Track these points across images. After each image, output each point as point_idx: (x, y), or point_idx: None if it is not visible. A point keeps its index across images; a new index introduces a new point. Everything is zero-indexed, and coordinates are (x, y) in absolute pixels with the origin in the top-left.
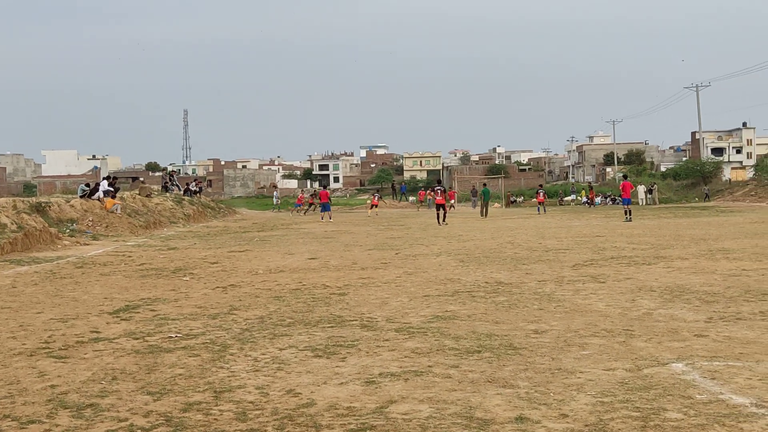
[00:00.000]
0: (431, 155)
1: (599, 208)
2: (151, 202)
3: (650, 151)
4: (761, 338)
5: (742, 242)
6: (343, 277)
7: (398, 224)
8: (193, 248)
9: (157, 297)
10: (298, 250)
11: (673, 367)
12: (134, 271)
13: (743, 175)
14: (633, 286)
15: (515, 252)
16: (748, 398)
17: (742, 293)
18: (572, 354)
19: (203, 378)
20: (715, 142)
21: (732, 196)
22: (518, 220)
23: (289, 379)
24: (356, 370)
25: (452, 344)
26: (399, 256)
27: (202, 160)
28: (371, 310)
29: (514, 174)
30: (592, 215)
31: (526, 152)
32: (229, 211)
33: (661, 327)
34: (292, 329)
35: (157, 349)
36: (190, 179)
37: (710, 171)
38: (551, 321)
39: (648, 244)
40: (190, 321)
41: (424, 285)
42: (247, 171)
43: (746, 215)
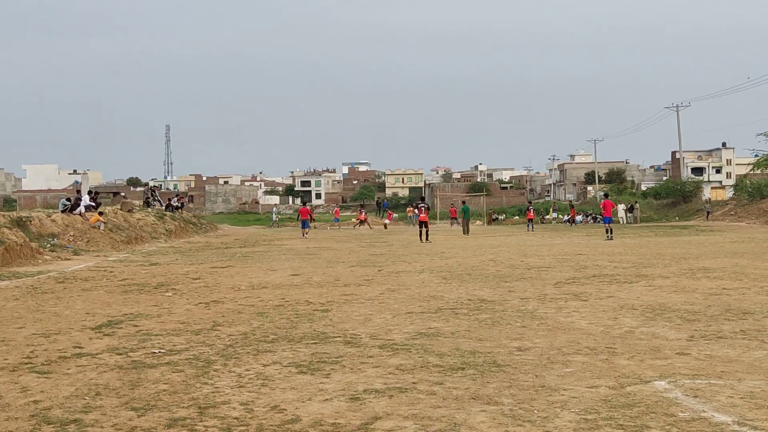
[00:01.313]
0: (413, 172)
1: (580, 226)
2: (132, 218)
3: (631, 170)
4: (742, 357)
5: (723, 261)
6: (326, 294)
7: (381, 241)
8: (175, 264)
9: (139, 312)
10: (281, 267)
11: (656, 385)
12: (116, 286)
13: (723, 195)
14: (615, 304)
15: (498, 269)
16: (730, 416)
17: (722, 312)
18: (556, 371)
19: (187, 394)
20: (695, 161)
21: (712, 215)
22: (500, 238)
23: (274, 395)
24: (340, 386)
25: (436, 361)
26: (382, 272)
27: (183, 176)
28: (355, 326)
29: (496, 192)
30: (573, 233)
31: (507, 170)
32: (211, 226)
33: (643, 345)
34: (276, 345)
35: (140, 365)
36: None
37: (690, 190)
38: (534, 338)
39: (629, 263)
40: (173, 337)
41: (408, 302)
42: (228, 187)
43: (726, 235)
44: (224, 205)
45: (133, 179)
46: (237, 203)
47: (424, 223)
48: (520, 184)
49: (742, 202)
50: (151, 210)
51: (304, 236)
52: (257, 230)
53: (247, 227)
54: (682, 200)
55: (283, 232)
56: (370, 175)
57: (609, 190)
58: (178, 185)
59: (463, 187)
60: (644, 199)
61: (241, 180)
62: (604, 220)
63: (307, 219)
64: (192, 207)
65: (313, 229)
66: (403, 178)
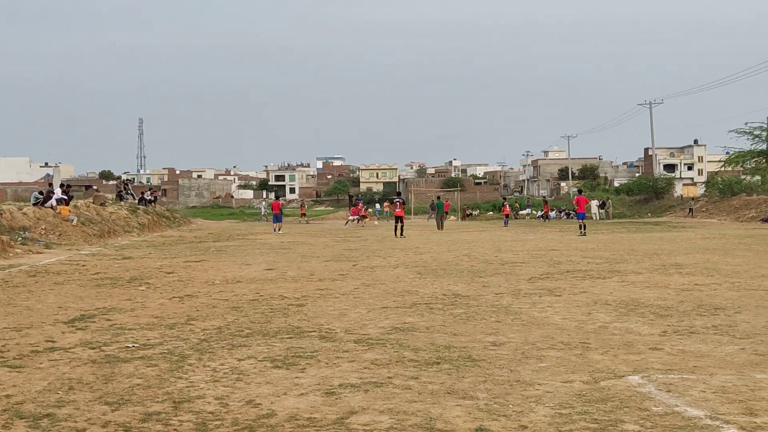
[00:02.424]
0: (388, 167)
1: (554, 222)
2: (105, 211)
3: (604, 167)
4: (714, 352)
5: (694, 257)
6: (300, 288)
7: (355, 236)
8: (148, 258)
9: (112, 306)
10: (255, 261)
11: (630, 380)
12: (89, 280)
13: (694, 192)
14: (588, 299)
15: (472, 265)
16: (703, 411)
17: (695, 307)
18: (530, 366)
19: (162, 388)
20: (668, 158)
21: (683, 211)
22: (474, 233)
23: (249, 389)
24: (316, 381)
25: (411, 356)
26: (356, 267)
27: (157, 169)
28: (330, 321)
29: (470, 187)
30: (547, 229)
31: (481, 166)
32: (185, 220)
33: (616, 340)
34: (251, 340)
35: (114, 359)
36: (145, 188)
37: (662, 187)
38: (509, 333)
39: (602, 259)
40: (147, 331)
41: (382, 297)
42: (202, 181)
43: (698, 231)
44: (198, 199)
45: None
46: (210, 197)
47: (399, 218)
48: (494, 179)
49: (713, 198)
50: (124, 203)
51: (277, 231)
52: (231, 224)
53: (220, 221)
54: (654, 196)
55: (262, 226)
56: (345, 170)
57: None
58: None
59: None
60: (617, 195)
61: (214, 174)
62: (577, 216)
63: (279, 213)
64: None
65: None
66: (378, 173)
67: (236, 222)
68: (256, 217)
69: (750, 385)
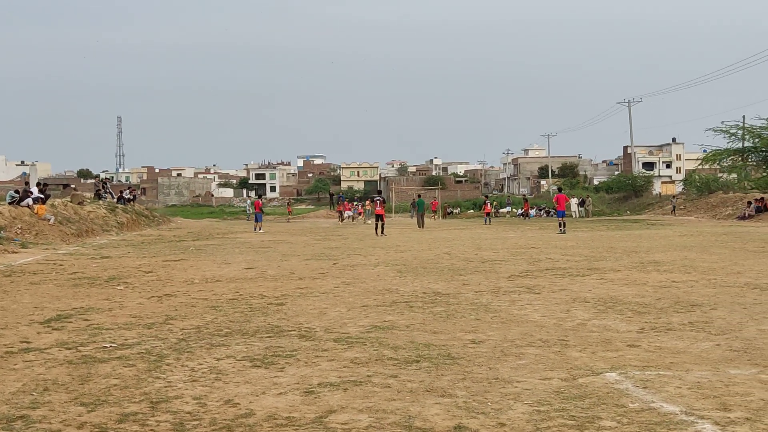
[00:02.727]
0: (369, 166)
1: (534, 220)
2: (83, 210)
3: (583, 165)
4: (690, 348)
5: (672, 254)
6: (280, 287)
7: (336, 234)
8: (127, 257)
9: (90, 306)
10: (235, 260)
11: (607, 377)
12: (66, 279)
13: (673, 189)
14: (567, 297)
15: (452, 263)
16: (678, 406)
17: (672, 304)
18: (509, 364)
19: (139, 388)
20: (646, 156)
21: (662, 209)
22: (455, 231)
23: (227, 389)
24: (295, 380)
25: (391, 354)
26: (337, 266)
27: (136, 168)
28: (309, 320)
29: (451, 185)
30: (527, 227)
31: (462, 164)
32: (164, 219)
33: (595, 337)
34: (230, 339)
35: (90, 360)
36: (124, 187)
37: (641, 185)
38: (488, 331)
39: (582, 256)
40: (124, 331)
41: (363, 295)
42: (182, 179)
43: (675, 228)
44: (177, 198)
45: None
46: (190, 196)
47: (380, 217)
48: (474, 178)
49: (691, 196)
50: (103, 202)
51: (258, 230)
52: (211, 223)
53: (200, 220)
54: (633, 194)
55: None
56: (326, 169)
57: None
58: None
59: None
60: (596, 193)
61: (194, 172)
62: (557, 214)
63: (260, 212)
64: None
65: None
66: (359, 171)
67: (216, 221)
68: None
69: (724, 381)
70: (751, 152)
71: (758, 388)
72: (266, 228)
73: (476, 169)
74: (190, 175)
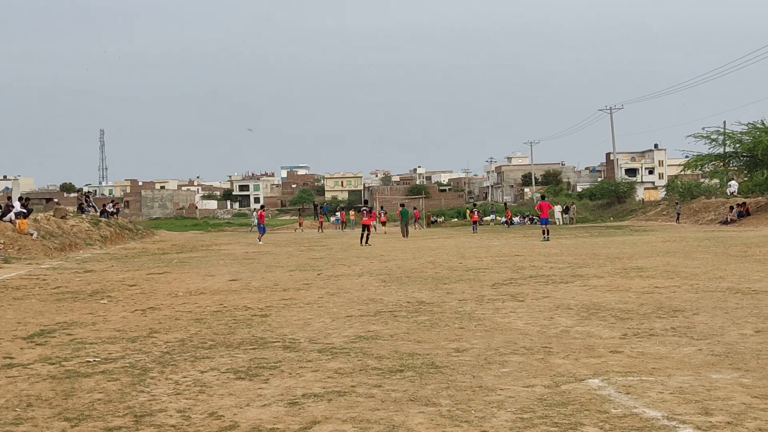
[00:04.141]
0: (352, 175)
1: (517, 227)
2: (66, 224)
3: (567, 172)
4: (672, 353)
5: (655, 260)
6: (264, 299)
7: (320, 245)
8: (110, 270)
9: (73, 321)
10: (219, 272)
11: (590, 383)
12: (49, 294)
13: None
14: (551, 304)
15: (436, 272)
16: (660, 411)
17: (654, 310)
18: (493, 372)
19: (123, 402)
20: (629, 163)
21: (645, 215)
22: (439, 240)
23: (212, 401)
24: (279, 391)
25: (375, 364)
26: (321, 276)
27: (119, 181)
28: (294, 331)
29: (435, 194)
30: (510, 235)
31: (446, 173)
32: (148, 232)
33: (578, 344)
34: (214, 351)
35: (74, 374)
36: (107, 200)
37: (624, 191)
38: (472, 339)
39: (565, 263)
40: (108, 345)
41: (347, 305)
42: (165, 192)
43: (658, 234)
44: (161, 211)
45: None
46: (174, 208)
47: (366, 227)
48: (458, 186)
49: (673, 202)
50: (86, 216)
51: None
52: (195, 235)
53: (184, 232)
54: (616, 201)
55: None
56: (309, 179)
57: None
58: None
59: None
60: (580, 200)
61: (178, 185)
62: (540, 221)
63: (264, 224)
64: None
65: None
66: (343, 181)
67: (200, 233)
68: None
69: (706, 386)
70: (732, 157)
71: (739, 392)
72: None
73: (460, 178)
74: (174, 187)
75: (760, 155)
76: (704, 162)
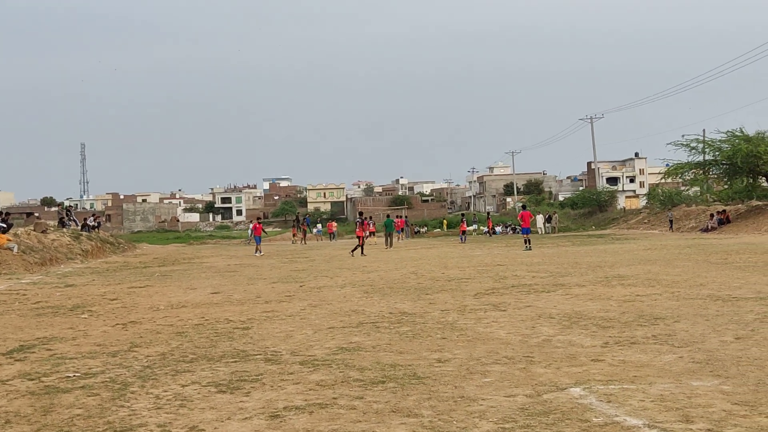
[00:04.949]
0: (335, 187)
1: (500, 237)
2: (47, 238)
3: (548, 181)
4: (653, 361)
5: (636, 269)
6: (246, 311)
7: (303, 256)
8: (91, 285)
9: (53, 336)
10: (201, 285)
11: (572, 392)
12: (29, 309)
13: (637, 204)
14: (533, 313)
15: (419, 282)
16: (641, 419)
17: (636, 318)
18: (474, 382)
19: (103, 417)
20: (610, 171)
21: (626, 224)
22: (422, 251)
23: (192, 415)
24: (260, 404)
25: (357, 375)
26: (303, 288)
27: (100, 195)
28: (275, 343)
29: (417, 205)
30: (493, 244)
31: (428, 183)
32: (129, 246)
33: (559, 353)
34: (195, 365)
35: (53, 390)
36: (88, 214)
37: (606, 200)
38: (454, 350)
39: (547, 272)
40: (88, 359)
41: (329, 317)
42: (147, 205)
43: (640, 242)
44: (143, 224)
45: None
46: (156, 221)
47: (359, 237)
48: (441, 196)
49: (654, 210)
50: (67, 230)
51: (258, 253)
52: (177, 248)
53: (166, 245)
54: (598, 209)
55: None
56: (292, 191)
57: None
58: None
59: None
60: (562, 209)
61: (159, 198)
62: (522, 231)
63: (260, 235)
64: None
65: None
66: (325, 192)
67: (182, 246)
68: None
69: (687, 393)
70: (712, 165)
71: (720, 399)
72: (232, 251)
73: (442, 188)
74: (156, 200)
75: (739, 163)
76: (684, 170)
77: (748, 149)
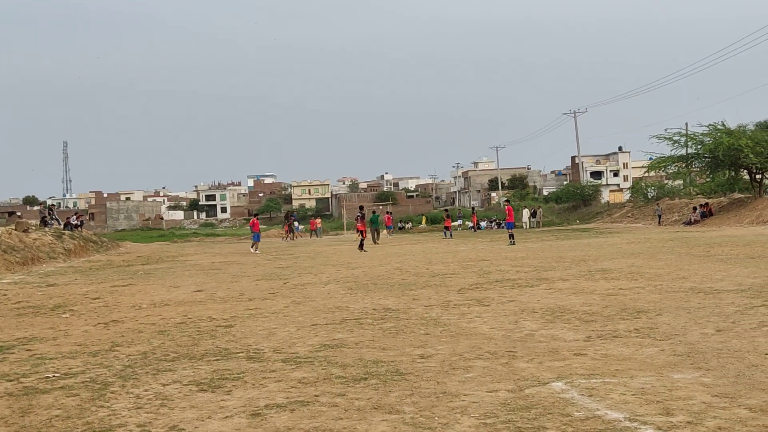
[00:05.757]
0: (320, 183)
1: (484, 232)
2: (28, 238)
3: (533, 176)
4: (635, 355)
5: (619, 262)
6: (229, 309)
7: (287, 253)
8: (73, 284)
9: (33, 336)
10: (184, 283)
11: (553, 386)
12: (9, 309)
13: (621, 198)
14: (516, 308)
15: (403, 278)
16: (622, 413)
17: (618, 312)
18: (457, 377)
19: (82, 418)
20: (594, 165)
21: (610, 217)
22: (406, 246)
23: (173, 415)
24: (242, 403)
25: (339, 372)
26: (287, 285)
27: (83, 193)
28: (258, 341)
29: (402, 200)
30: (477, 240)
31: (413, 179)
32: (113, 244)
33: (542, 347)
34: (177, 364)
35: (32, 391)
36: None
37: (590, 194)
38: (437, 345)
39: (531, 267)
40: (69, 360)
41: (312, 314)
42: (131, 203)
43: (623, 236)
44: (126, 222)
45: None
46: (140, 219)
47: (361, 232)
48: (425, 192)
49: (638, 204)
50: (49, 229)
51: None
52: (161, 246)
53: (150, 244)
54: (582, 203)
55: (203, 246)
56: (276, 188)
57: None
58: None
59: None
60: (546, 203)
61: (143, 196)
62: (507, 226)
63: (258, 232)
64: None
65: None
66: (310, 189)
67: (166, 244)
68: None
69: (668, 386)
70: (695, 159)
71: (700, 392)
72: (218, 248)
73: (427, 184)
74: (139, 198)
75: (721, 156)
76: (667, 164)
77: (729, 142)
